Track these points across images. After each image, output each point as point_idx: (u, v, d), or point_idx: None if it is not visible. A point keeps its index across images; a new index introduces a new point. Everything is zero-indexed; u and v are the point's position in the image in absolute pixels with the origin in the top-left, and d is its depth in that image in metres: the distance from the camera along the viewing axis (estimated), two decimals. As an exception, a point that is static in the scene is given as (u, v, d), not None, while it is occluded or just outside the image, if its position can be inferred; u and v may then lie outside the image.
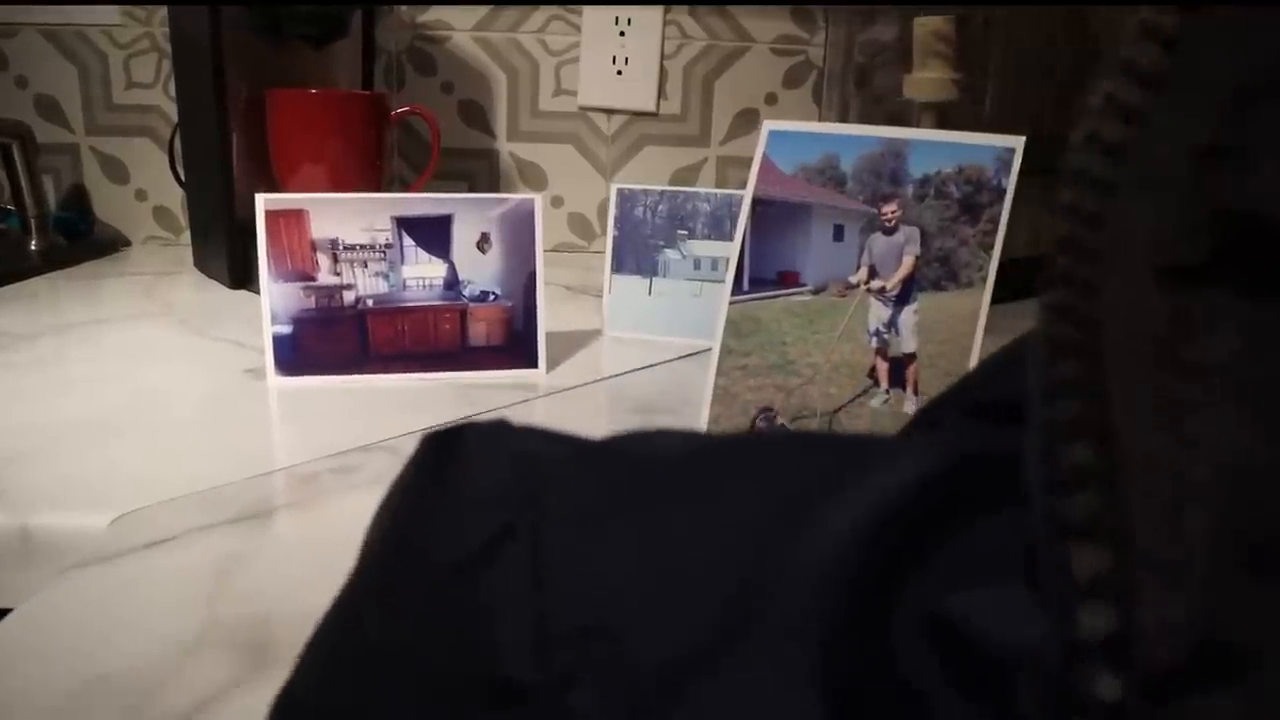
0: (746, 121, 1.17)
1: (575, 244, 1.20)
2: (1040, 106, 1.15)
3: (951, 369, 0.40)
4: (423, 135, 1.15)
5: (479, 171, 1.18)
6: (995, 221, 0.40)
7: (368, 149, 0.88)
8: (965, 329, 0.40)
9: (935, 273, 0.41)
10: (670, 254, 0.75)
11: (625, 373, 0.67)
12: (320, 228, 0.60)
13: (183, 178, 1.04)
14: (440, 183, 1.15)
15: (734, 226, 0.74)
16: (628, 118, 1.17)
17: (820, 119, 1.15)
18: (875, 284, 0.42)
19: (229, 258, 0.92)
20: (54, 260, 1.04)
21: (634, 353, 0.72)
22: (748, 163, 1.18)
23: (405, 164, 1.17)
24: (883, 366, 0.42)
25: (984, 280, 0.40)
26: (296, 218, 0.60)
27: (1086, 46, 1.06)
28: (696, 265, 0.74)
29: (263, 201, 0.59)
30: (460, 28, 1.13)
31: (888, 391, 0.42)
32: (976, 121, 1.00)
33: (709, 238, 0.74)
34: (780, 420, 0.44)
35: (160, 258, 1.11)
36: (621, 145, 1.18)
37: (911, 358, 0.41)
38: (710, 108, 1.17)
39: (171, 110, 1.09)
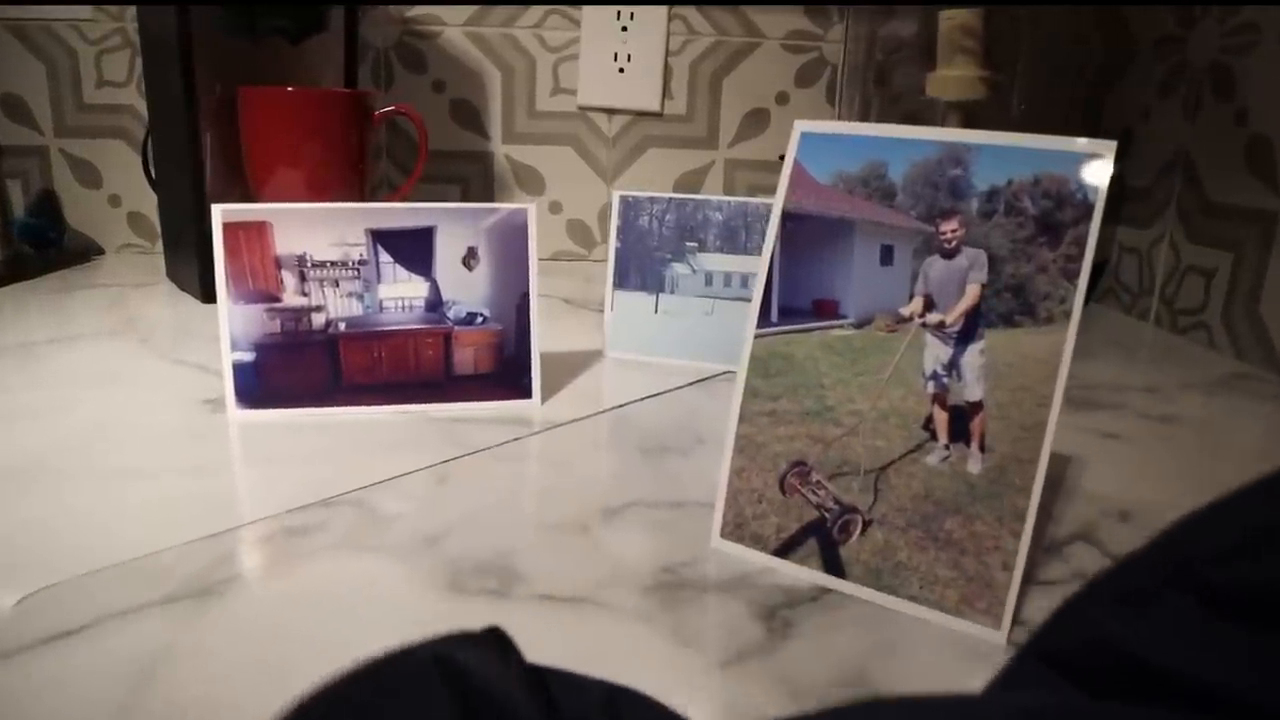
0: (756, 122, 1.11)
1: (574, 252, 1.14)
2: (1070, 108, 1.09)
3: (1026, 421, 0.33)
4: (413, 137, 1.08)
5: (472, 175, 1.11)
6: (1081, 244, 0.33)
7: (349, 151, 0.82)
8: (1043, 374, 0.33)
9: (1006, 305, 0.34)
10: (678, 268, 0.68)
11: (629, 403, 0.60)
12: (285, 242, 0.53)
13: (155, 182, 0.98)
14: (430, 187, 1.09)
15: (749, 238, 0.67)
16: (630, 118, 1.11)
17: (837, 120, 1.08)
18: (932, 317, 0.35)
19: (200, 269, 0.85)
20: (20, 271, 0.97)
21: (638, 378, 0.66)
22: (758, 166, 1.13)
23: (395, 168, 1.11)
24: (941, 417, 0.35)
25: (1067, 315, 0.33)
26: (258, 231, 0.53)
27: (1120, 46, 1.00)
28: (708, 281, 0.67)
29: (219, 213, 0.52)
30: (452, 23, 1.07)
31: (947, 447, 0.35)
32: (1004, 123, 0.94)
33: (721, 250, 0.67)
34: (816, 477, 0.37)
35: (134, 268, 1.04)
36: (624, 147, 1.11)
37: (977, 407, 0.34)
38: (718, 107, 1.11)
39: (146, 110, 1.03)
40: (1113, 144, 0.33)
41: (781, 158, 1.14)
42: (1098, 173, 0.33)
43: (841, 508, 0.37)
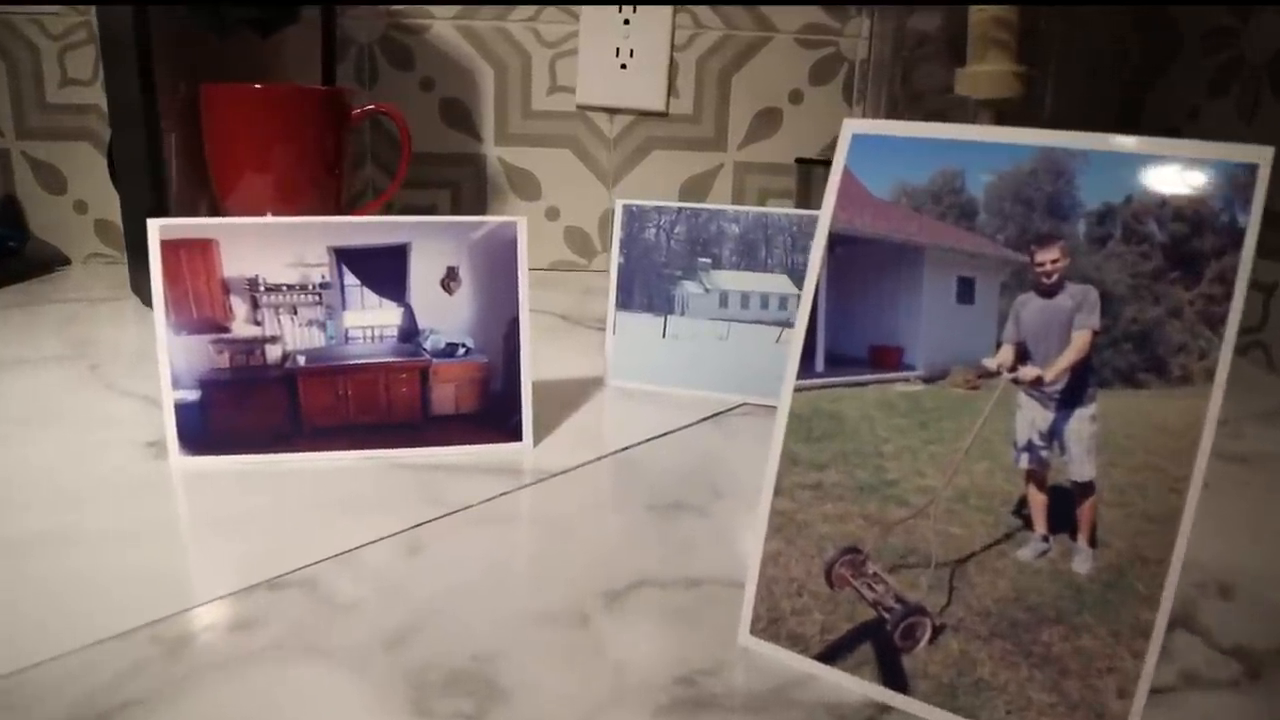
0: (768, 122, 1.04)
1: (573, 262, 1.06)
2: (1104, 107, 1.01)
3: (1152, 510, 0.26)
4: (398, 138, 1.01)
5: (463, 179, 1.04)
6: (1228, 281, 0.25)
7: (323, 155, 0.74)
8: (1176, 449, 0.26)
9: (1126, 359, 0.26)
10: (689, 287, 0.61)
11: (635, 444, 0.53)
12: (234, 262, 0.46)
13: (118, 188, 0.91)
14: (418, 192, 1.02)
15: (770, 253, 0.60)
16: (633, 118, 1.04)
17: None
18: (1026, 372, 0.28)
19: (162, 284, 0.77)
20: (-25, 283, 0.90)
21: (644, 412, 0.58)
22: (770, 169, 1.05)
23: (381, 172, 1.03)
24: (1038, 499, 0.27)
25: (1209, 374, 0.25)
26: (202, 250, 0.45)
27: (1163, 40, 0.92)
28: (722, 301, 0.60)
29: (155, 228, 0.45)
30: (441, 16, 1.00)
31: (1046, 539, 0.27)
32: (1035, 123, 0.86)
33: (738, 267, 0.60)
34: (872, 568, 0.30)
35: (101, 280, 0.97)
36: (626, 149, 1.04)
37: (1086, 489, 0.27)
38: (727, 106, 1.04)
39: (109, 110, 0.95)
40: (1269, 150, 0.25)
41: (798, 160, 1.05)
42: (1250, 188, 0.25)
43: (905, 608, 0.29)
